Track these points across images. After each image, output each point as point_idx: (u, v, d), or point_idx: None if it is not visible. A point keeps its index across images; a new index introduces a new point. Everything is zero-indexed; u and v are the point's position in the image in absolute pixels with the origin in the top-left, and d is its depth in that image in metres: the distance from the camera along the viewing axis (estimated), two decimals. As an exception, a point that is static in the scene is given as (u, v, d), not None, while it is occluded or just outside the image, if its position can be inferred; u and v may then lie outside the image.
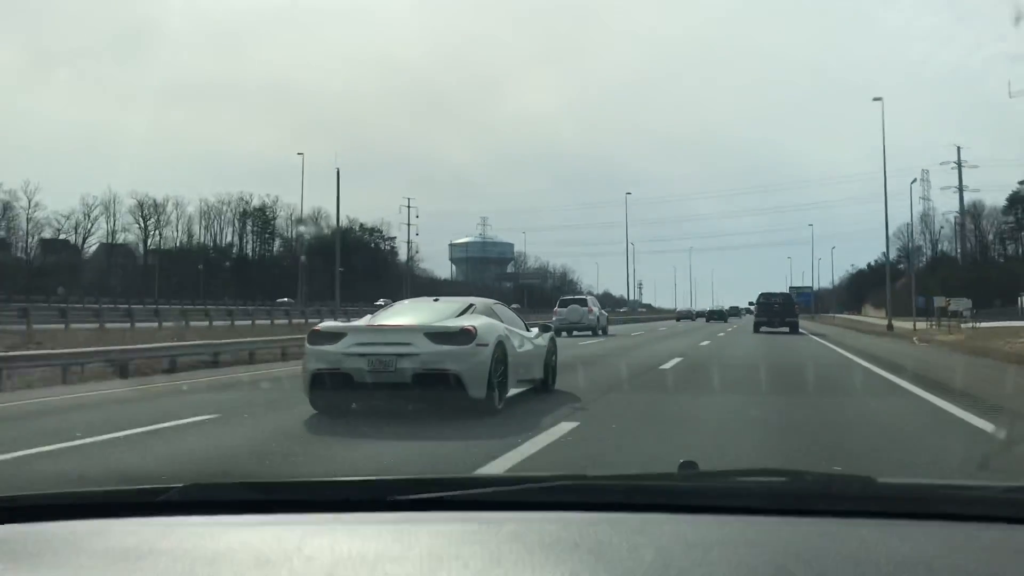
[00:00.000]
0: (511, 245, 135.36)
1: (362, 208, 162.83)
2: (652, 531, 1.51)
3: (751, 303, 45.06)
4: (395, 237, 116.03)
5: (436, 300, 11.32)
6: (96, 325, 33.63)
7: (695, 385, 13.57)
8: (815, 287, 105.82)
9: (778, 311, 39.90)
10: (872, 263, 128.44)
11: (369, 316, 11.12)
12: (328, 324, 10.41)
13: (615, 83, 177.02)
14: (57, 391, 12.98)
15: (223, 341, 20.76)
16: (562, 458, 6.95)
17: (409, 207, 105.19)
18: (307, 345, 9.73)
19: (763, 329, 38.73)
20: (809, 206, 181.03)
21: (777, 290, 51.08)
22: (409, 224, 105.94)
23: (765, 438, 8.06)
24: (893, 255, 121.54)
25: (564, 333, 35.68)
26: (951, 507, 1.63)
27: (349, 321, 12.15)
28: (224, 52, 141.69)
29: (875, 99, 46.48)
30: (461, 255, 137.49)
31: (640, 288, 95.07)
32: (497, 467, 6.36)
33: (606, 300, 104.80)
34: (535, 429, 8.22)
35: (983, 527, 1.53)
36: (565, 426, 8.45)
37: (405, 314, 10.43)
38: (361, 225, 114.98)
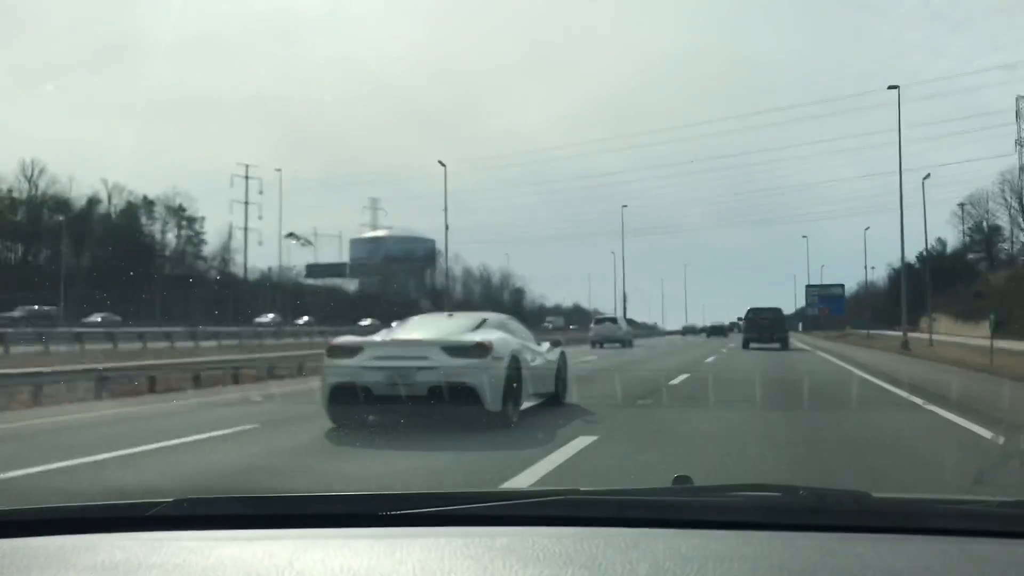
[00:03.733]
0: (432, 242, 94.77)
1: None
2: (646, 546, 1.50)
3: (739, 318, 43.71)
4: (203, 218, 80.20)
5: (450, 315, 11.73)
6: None
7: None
8: (844, 294, 70.30)
9: (767, 327, 38.88)
10: (923, 253, 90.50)
11: (385, 331, 11.26)
12: (346, 339, 10.56)
13: (602, 95, 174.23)
14: None
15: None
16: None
17: (247, 177, 74.09)
18: (326, 359, 9.85)
19: (752, 346, 37.82)
20: (811, 210, 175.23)
21: (781, 302, 49.79)
22: (247, 203, 74.22)
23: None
24: (954, 241, 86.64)
25: (598, 345, 41.04)
26: (946, 522, 1.61)
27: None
28: (206, 65, 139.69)
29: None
30: (362, 255, 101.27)
31: (625, 302, 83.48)
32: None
33: (582, 316, 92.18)
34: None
35: (978, 541, 1.52)
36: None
37: (421, 328, 10.58)
38: (145, 198, 75.44)
